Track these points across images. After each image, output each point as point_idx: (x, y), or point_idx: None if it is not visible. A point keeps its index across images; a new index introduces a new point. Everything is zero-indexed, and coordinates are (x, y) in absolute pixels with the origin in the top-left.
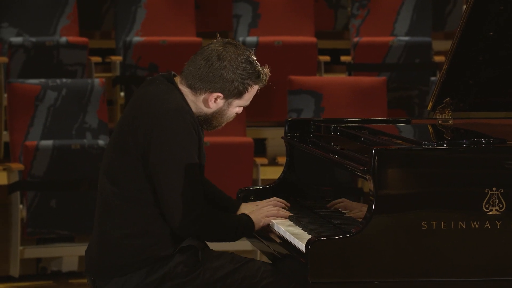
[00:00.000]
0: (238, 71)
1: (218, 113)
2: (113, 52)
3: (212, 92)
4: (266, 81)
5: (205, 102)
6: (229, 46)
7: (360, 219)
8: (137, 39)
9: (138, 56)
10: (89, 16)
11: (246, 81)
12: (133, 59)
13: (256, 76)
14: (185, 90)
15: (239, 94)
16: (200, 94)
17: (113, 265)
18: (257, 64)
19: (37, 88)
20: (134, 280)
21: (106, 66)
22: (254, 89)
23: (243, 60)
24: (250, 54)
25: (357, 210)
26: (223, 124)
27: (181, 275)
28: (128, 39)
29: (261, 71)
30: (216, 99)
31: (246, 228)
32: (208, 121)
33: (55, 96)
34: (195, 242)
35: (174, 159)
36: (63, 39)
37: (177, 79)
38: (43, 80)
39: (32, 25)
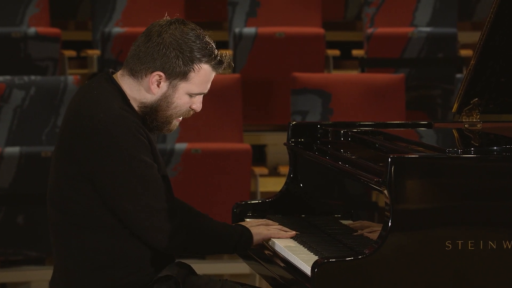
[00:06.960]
0: (182, 47)
1: (163, 101)
2: (89, 45)
3: (152, 71)
4: (224, 65)
5: (147, 87)
6: (176, 23)
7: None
8: (117, 30)
9: (119, 50)
10: (62, 3)
11: (191, 58)
12: (113, 53)
13: (206, 54)
14: (126, 82)
15: (183, 74)
16: (141, 78)
17: None
18: (209, 42)
19: (2, 86)
20: None
21: (81, 61)
22: (204, 71)
23: (190, 35)
24: (201, 32)
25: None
26: (172, 120)
27: None
28: (107, 30)
29: (215, 50)
30: (158, 81)
31: (242, 236)
32: (153, 116)
33: (23, 95)
34: (175, 271)
35: (128, 172)
36: (32, 30)
37: (117, 74)
38: (8, 77)
39: None
